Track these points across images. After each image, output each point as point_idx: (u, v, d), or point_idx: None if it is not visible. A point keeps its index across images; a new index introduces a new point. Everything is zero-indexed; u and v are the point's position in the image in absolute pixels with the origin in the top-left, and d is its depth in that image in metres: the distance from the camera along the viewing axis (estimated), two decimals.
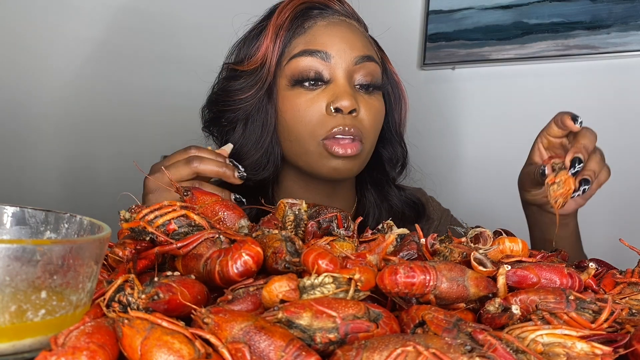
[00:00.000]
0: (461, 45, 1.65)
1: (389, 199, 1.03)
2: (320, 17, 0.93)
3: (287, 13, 0.92)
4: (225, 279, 0.50)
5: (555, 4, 1.51)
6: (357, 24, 0.97)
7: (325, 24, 0.92)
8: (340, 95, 0.88)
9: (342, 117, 0.88)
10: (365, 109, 0.91)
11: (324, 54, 0.89)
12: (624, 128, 1.43)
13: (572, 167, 0.71)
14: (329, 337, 0.40)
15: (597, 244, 1.03)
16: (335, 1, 0.96)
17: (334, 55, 0.89)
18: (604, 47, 1.45)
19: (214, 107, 0.98)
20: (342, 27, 0.92)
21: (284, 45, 0.92)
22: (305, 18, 0.92)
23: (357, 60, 0.90)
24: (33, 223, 0.51)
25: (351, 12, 0.98)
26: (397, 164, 1.06)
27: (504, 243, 0.60)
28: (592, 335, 0.43)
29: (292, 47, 0.91)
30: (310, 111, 0.89)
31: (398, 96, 1.03)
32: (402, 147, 1.06)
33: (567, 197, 0.72)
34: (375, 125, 0.94)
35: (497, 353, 0.37)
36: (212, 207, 0.63)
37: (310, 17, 0.93)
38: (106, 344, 0.37)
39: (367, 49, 0.93)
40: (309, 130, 0.89)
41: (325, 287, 0.45)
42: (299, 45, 0.91)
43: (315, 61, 0.89)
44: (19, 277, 0.38)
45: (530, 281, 0.52)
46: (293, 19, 0.92)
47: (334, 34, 0.91)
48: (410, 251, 0.60)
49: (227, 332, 0.38)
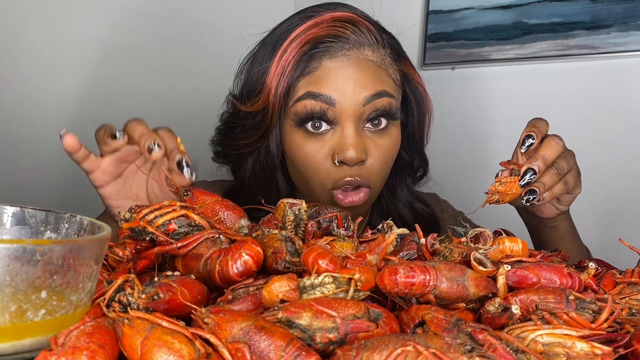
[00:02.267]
0: (461, 45, 1.65)
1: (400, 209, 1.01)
2: (327, 55, 0.85)
3: (293, 53, 0.85)
4: (225, 278, 0.50)
5: (555, 4, 1.51)
6: (371, 50, 0.88)
7: (332, 64, 0.85)
8: (346, 147, 0.84)
9: (349, 168, 0.86)
10: (374, 152, 0.88)
11: (327, 97, 0.84)
12: (624, 128, 1.43)
13: (523, 177, 0.71)
14: (329, 337, 0.40)
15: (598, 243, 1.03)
16: (345, 28, 0.86)
17: (339, 100, 0.84)
18: (604, 47, 1.44)
19: (221, 145, 0.98)
20: (349, 66, 0.85)
21: (288, 86, 0.86)
22: (310, 57, 0.86)
23: (366, 101, 0.85)
24: (33, 223, 0.51)
25: (366, 37, 0.87)
26: (416, 172, 1.03)
27: (504, 243, 0.60)
28: (592, 335, 0.43)
29: (297, 88, 0.86)
30: (317, 160, 0.87)
31: (423, 108, 0.97)
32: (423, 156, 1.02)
33: (504, 199, 0.71)
34: (387, 163, 0.91)
35: (497, 353, 0.37)
36: (212, 207, 0.63)
37: (316, 56, 0.85)
38: (106, 344, 0.37)
39: (378, 84, 0.86)
40: (317, 179, 0.88)
41: (325, 287, 0.45)
42: (302, 87, 0.86)
43: (319, 105, 0.84)
44: (19, 277, 0.38)
45: (530, 281, 0.52)
46: (299, 60, 0.86)
47: (340, 74, 0.84)
48: (410, 251, 0.60)
49: (227, 332, 0.38)
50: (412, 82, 0.95)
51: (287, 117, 0.88)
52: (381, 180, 0.92)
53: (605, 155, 1.42)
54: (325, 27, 0.86)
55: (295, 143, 0.88)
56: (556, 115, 1.54)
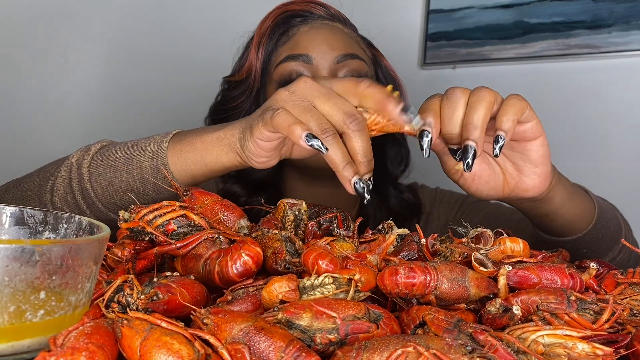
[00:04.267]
0: (462, 44, 1.65)
1: (389, 202, 1.04)
2: (303, 24, 0.97)
3: (269, 23, 0.98)
4: (224, 279, 0.50)
5: (556, 3, 1.51)
6: (342, 25, 1.00)
7: (307, 29, 0.97)
8: None
9: None
10: None
11: (305, 57, 0.93)
12: (625, 127, 1.43)
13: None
14: (329, 337, 0.40)
15: None
16: (316, 7, 1.00)
17: (315, 57, 0.93)
18: (605, 46, 1.44)
19: (214, 116, 1.06)
20: (324, 30, 0.96)
21: (267, 53, 0.97)
22: (288, 26, 0.97)
23: (339, 59, 0.93)
24: (32, 223, 0.51)
25: (336, 15, 1.01)
26: (400, 163, 1.06)
27: (505, 243, 0.60)
28: (593, 336, 0.43)
29: (278, 54, 0.96)
30: None
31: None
32: (404, 145, 1.06)
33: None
34: None
35: (498, 354, 0.36)
36: (211, 207, 0.63)
37: (293, 25, 0.97)
38: (105, 344, 0.36)
39: (350, 48, 0.95)
40: None
41: (325, 288, 0.45)
42: (283, 52, 0.96)
43: (299, 65, 0.93)
44: (17, 278, 0.38)
45: (531, 281, 0.52)
46: (274, 28, 0.98)
47: (315, 36, 0.95)
48: (410, 251, 0.60)
49: (227, 333, 0.38)
50: (383, 66, 1.04)
51: (271, 83, 0.96)
52: None
53: (606, 155, 1.42)
54: (300, 3, 1.00)
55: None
56: (557, 114, 1.54)
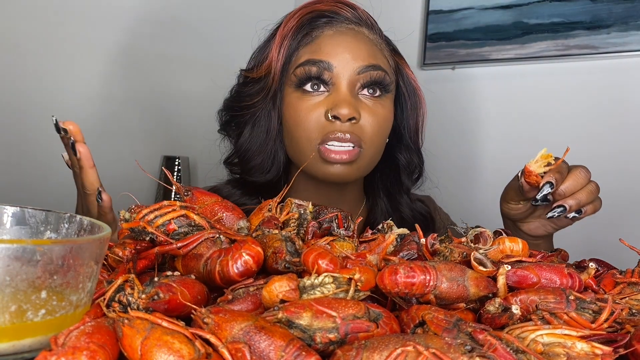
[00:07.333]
0: (461, 45, 1.65)
1: (401, 209, 1.03)
2: (327, 26, 0.94)
3: (293, 23, 0.94)
4: (225, 278, 0.50)
5: (555, 3, 1.51)
6: (368, 30, 0.96)
7: (332, 33, 0.93)
8: (340, 103, 0.88)
9: (340, 124, 0.89)
10: (367, 116, 0.91)
11: (326, 64, 0.90)
12: (624, 128, 1.43)
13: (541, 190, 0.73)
14: (329, 337, 0.40)
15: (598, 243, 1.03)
16: (345, 8, 0.96)
17: (337, 66, 0.90)
18: (604, 47, 1.44)
19: (228, 111, 1.03)
20: (348, 37, 0.93)
21: (289, 53, 0.94)
22: (312, 27, 0.94)
23: (361, 70, 0.91)
24: (33, 223, 0.51)
25: (363, 18, 0.97)
26: (413, 173, 1.05)
27: (504, 243, 0.60)
28: (592, 335, 0.43)
29: (299, 56, 0.93)
30: (309, 116, 0.91)
31: (415, 103, 1.02)
32: (419, 155, 1.05)
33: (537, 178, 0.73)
34: (380, 131, 0.93)
35: (497, 353, 0.37)
36: (211, 208, 0.63)
37: (318, 26, 0.94)
38: (106, 344, 0.37)
39: (372, 58, 0.92)
40: (307, 135, 0.91)
41: (325, 287, 0.45)
42: (304, 55, 0.93)
43: (319, 71, 0.90)
44: (19, 277, 0.38)
45: (530, 281, 0.52)
46: (299, 28, 0.94)
47: (339, 43, 0.91)
48: (410, 251, 0.60)
49: (227, 332, 0.38)
50: (405, 76, 1.01)
51: (288, 83, 0.94)
52: (375, 145, 0.94)
53: (606, 155, 1.42)
54: (327, 3, 0.96)
55: (292, 104, 0.93)
56: (556, 115, 1.54)
